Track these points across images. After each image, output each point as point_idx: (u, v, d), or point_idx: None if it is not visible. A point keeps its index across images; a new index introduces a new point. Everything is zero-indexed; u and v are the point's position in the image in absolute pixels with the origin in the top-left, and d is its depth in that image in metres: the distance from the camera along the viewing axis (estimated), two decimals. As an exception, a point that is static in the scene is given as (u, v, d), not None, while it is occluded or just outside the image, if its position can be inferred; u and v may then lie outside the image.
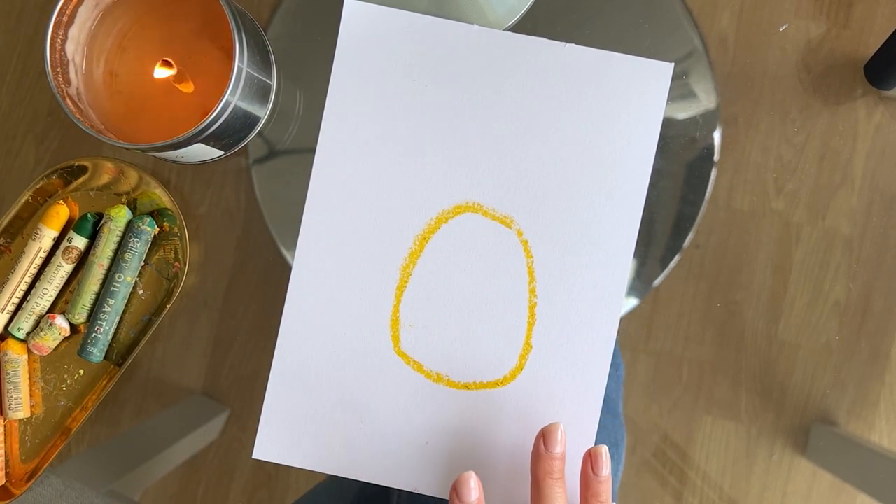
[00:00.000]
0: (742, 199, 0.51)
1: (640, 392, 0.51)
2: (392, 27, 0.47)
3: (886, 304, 0.51)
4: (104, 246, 0.50)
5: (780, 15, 0.51)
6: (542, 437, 0.43)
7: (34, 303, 0.50)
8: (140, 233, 0.50)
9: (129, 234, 0.50)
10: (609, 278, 0.46)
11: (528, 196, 0.47)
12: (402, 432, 0.46)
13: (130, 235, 0.50)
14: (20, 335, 0.51)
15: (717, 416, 0.51)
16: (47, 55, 0.44)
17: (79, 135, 0.53)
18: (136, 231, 0.50)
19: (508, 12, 0.49)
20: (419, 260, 0.47)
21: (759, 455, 0.51)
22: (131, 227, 0.50)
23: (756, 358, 0.51)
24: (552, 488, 0.42)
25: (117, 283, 0.50)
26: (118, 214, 0.50)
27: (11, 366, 0.50)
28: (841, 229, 0.51)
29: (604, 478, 0.42)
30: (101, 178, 0.52)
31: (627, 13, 0.50)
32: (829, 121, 0.51)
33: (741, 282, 0.51)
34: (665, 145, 0.49)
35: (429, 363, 0.46)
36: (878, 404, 0.51)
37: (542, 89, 0.47)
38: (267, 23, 0.52)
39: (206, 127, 0.44)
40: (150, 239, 0.50)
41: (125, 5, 0.47)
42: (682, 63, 0.50)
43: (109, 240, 0.50)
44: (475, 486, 0.41)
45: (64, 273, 0.50)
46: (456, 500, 0.41)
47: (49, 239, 0.50)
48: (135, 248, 0.50)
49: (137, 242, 0.50)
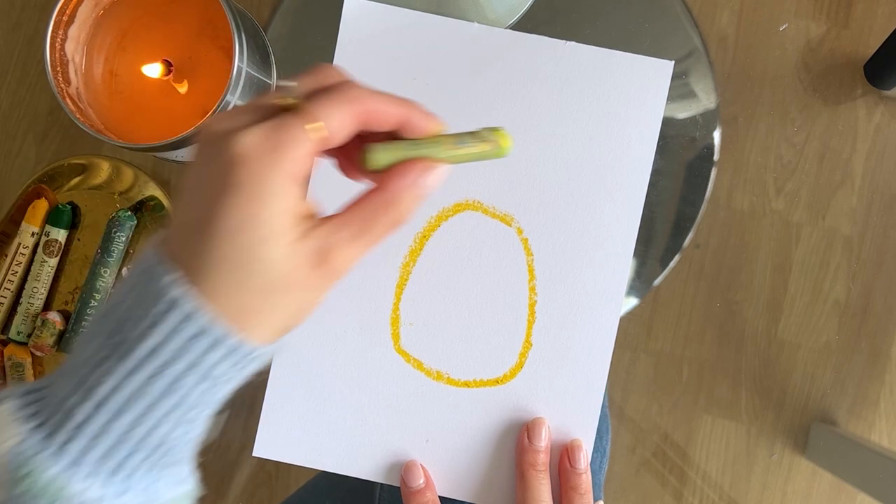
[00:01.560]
0: (742, 198, 0.51)
1: (640, 392, 0.51)
2: (392, 25, 0.47)
3: (886, 303, 0.51)
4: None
5: (780, 15, 0.51)
6: (526, 430, 0.45)
7: (27, 303, 0.50)
8: (122, 226, 0.50)
9: (111, 228, 0.50)
10: (609, 276, 0.46)
11: (528, 194, 0.47)
12: (403, 430, 0.46)
13: (114, 229, 0.50)
14: (21, 338, 0.51)
15: (717, 415, 0.51)
16: (47, 55, 0.44)
17: (79, 134, 0.54)
18: (118, 224, 0.50)
19: (509, 11, 0.49)
20: (419, 258, 0.47)
21: (759, 454, 0.51)
22: (114, 220, 0.50)
23: (756, 357, 0.51)
24: (536, 479, 0.43)
25: (103, 276, 0.50)
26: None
27: (16, 370, 0.50)
28: (841, 229, 0.51)
29: (581, 470, 0.44)
30: (97, 177, 0.52)
31: (627, 13, 0.50)
32: (828, 120, 0.51)
33: (741, 281, 0.51)
34: (665, 145, 0.49)
35: (429, 361, 0.46)
36: (878, 404, 0.51)
37: (542, 87, 0.47)
38: (267, 23, 0.52)
39: (207, 126, 0.44)
40: (130, 232, 0.50)
41: (125, 5, 0.47)
42: (682, 63, 0.50)
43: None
44: (420, 473, 0.45)
45: (49, 268, 0.50)
46: (404, 486, 0.44)
47: (27, 234, 0.50)
48: (119, 241, 0.50)
49: (121, 235, 0.50)
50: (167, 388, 0.28)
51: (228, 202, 0.28)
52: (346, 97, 0.30)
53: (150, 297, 0.28)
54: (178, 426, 0.29)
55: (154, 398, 0.28)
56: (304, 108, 0.29)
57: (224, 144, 0.28)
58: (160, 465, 0.30)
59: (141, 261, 0.29)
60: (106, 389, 0.28)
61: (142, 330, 0.28)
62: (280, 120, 0.29)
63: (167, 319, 0.27)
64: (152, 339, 0.27)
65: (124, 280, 0.29)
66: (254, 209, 0.28)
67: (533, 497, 0.43)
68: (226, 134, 0.28)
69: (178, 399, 0.28)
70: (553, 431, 0.45)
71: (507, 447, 0.46)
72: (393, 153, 0.32)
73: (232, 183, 0.28)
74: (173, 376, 0.28)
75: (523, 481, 0.43)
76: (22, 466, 0.27)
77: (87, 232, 0.51)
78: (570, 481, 0.43)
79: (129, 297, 0.28)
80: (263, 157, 0.28)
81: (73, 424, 0.28)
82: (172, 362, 0.28)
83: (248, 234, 0.28)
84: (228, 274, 0.28)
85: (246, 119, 0.29)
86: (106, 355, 0.28)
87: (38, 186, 0.50)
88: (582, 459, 0.44)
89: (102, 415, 0.28)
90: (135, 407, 0.28)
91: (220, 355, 0.28)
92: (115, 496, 0.29)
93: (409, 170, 0.32)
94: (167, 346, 0.28)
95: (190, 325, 0.27)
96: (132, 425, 0.28)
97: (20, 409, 0.28)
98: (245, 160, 0.28)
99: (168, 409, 0.28)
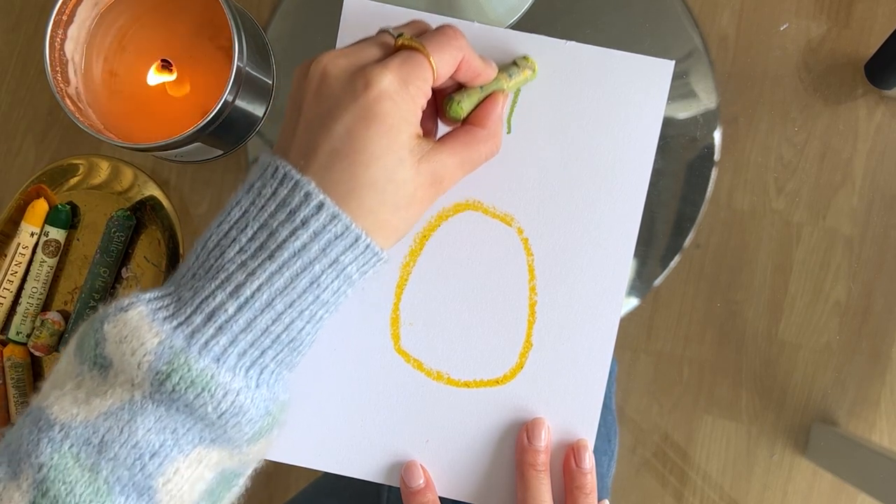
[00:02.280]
0: (742, 198, 0.50)
1: (641, 392, 0.51)
2: (393, 25, 0.47)
3: (887, 303, 0.51)
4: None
5: (780, 14, 0.51)
6: (525, 430, 0.44)
7: (26, 303, 0.50)
8: (121, 226, 0.50)
9: (110, 228, 0.50)
10: (610, 276, 0.46)
11: (528, 194, 0.47)
12: (403, 430, 0.46)
13: (113, 229, 0.50)
14: (21, 339, 0.50)
15: (717, 415, 0.51)
16: (47, 55, 0.44)
17: (78, 134, 0.53)
18: (118, 224, 0.50)
19: (509, 11, 0.49)
20: (419, 258, 0.47)
21: (760, 455, 0.51)
22: (111, 221, 0.50)
23: (756, 358, 0.51)
24: (535, 479, 0.43)
25: (102, 276, 0.50)
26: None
27: (15, 370, 0.50)
28: (841, 229, 0.51)
29: (587, 470, 0.44)
30: (96, 177, 0.52)
31: (628, 13, 0.50)
32: (829, 120, 0.51)
33: (742, 281, 0.51)
34: (665, 145, 0.49)
35: (429, 361, 0.46)
36: (879, 404, 0.51)
37: (542, 87, 0.47)
38: (267, 22, 0.52)
39: (206, 126, 0.44)
40: (130, 232, 0.50)
41: (124, 5, 0.47)
42: (682, 63, 0.50)
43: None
44: (420, 473, 0.45)
45: (48, 268, 0.50)
46: (404, 486, 0.44)
47: (27, 234, 0.50)
48: (118, 241, 0.50)
49: (120, 235, 0.50)
50: (309, 284, 0.32)
51: (372, 132, 0.32)
52: (453, 45, 0.35)
53: (294, 202, 0.31)
54: (308, 323, 0.33)
55: (297, 294, 0.31)
56: (422, 47, 0.34)
57: (362, 80, 0.32)
58: (284, 363, 0.33)
59: (268, 173, 0.32)
60: (253, 287, 0.31)
61: (290, 230, 0.31)
62: (407, 56, 0.33)
63: (316, 220, 0.31)
64: (301, 239, 0.31)
65: (249, 193, 0.32)
66: (393, 136, 0.32)
67: (532, 497, 0.43)
68: (361, 69, 0.32)
69: (315, 295, 0.32)
70: (554, 432, 0.45)
71: (508, 448, 0.46)
72: (471, 100, 0.38)
73: (375, 114, 0.32)
74: (316, 273, 0.32)
75: (523, 481, 0.43)
76: (172, 362, 0.29)
77: (87, 232, 0.51)
78: (575, 481, 0.43)
79: (268, 204, 0.32)
80: (400, 91, 0.32)
81: (218, 322, 0.30)
82: (318, 260, 0.31)
83: (389, 158, 0.32)
84: (373, 195, 0.32)
85: (372, 53, 0.34)
86: (252, 255, 0.31)
87: (37, 186, 0.50)
88: (587, 459, 0.44)
89: (248, 312, 0.31)
90: (278, 304, 0.31)
91: (354, 255, 0.32)
92: (251, 389, 0.31)
93: (495, 106, 0.39)
94: (314, 244, 0.31)
95: (335, 226, 0.31)
96: (274, 321, 0.31)
97: (154, 312, 0.31)
98: (385, 95, 0.32)
99: (306, 306, 0.32)
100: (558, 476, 0.45)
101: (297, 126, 0.33)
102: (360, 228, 0.32)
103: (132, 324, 0.30)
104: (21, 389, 0.50)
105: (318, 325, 0.34)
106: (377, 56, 0.34)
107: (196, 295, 0.31)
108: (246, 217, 0.32)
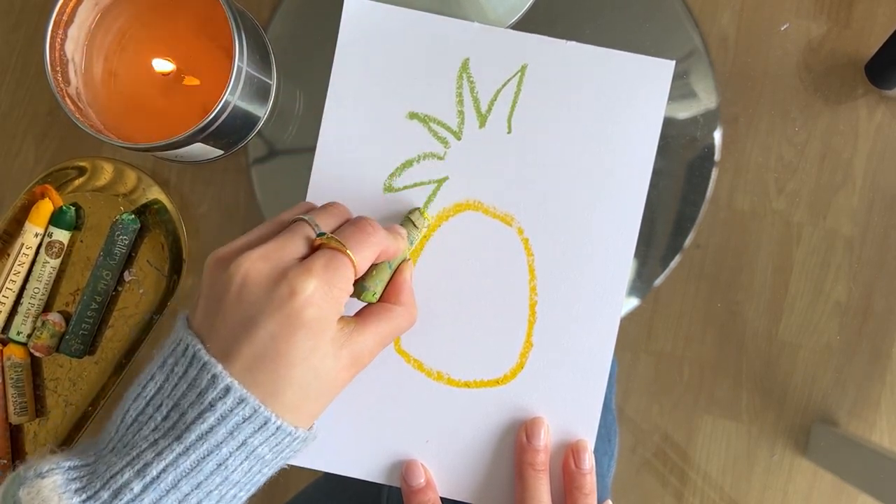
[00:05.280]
0: (743, 198, 0.50)
1: (641, 392, 0.51)
2: (393, 25, 0.47)
3: (887, 304, 0.51)
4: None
5: (780, 14, 0.51)
6: (525, 429, 0.45)
7: (28, 304, 0.50)
8: (125, 230, 0.50)
9: (114, 231, 0.50)
10: (610, 276, 0.46)
11: (528, 194, 0.47)
12: (403, 431, 0.46)
13: (117, 232, 0.50)
14: (21, 339, 0.50)
15: (717, 416, 0.51)
16: (47, 55, 0.44)
17: (78, 135, 0.53)
18: (121, 228, 0.50)
19: (509, 11, 0.49)
20: (419, 258, 0.47)
21: (760, 455, 0.51)
22: (116, 224, 0.50)
23: (757, 358, 0.51)
24: (534, 479, 0.43)
25: (105, 279, 0.50)
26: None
27: (14, 370, 0.50)
28: (842, 229, 0.51)
29: (586, 470, 0.44)
30: (100, 179, 0.52)
31: (628, 13, 0.50)
32: (829, 120, 0.51)
33: (742, 282, 0.51)
34: (666, 145, 0.49)
35: (429, 361, 0.46)
36: (879, 404, 0.51)
37: (542, 87, 0.47)
38: (267, 22, 0.52)
39: (206, 126, 0.44)
40: (133, 235, 0.50)
41: (124, 4, 0.47)
42: (682, 63, 0.50)
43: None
44: (421, 472, 0.45)
45: (51, 269, 0.50)
46: (405, 485, 0.45)
47: (31, 235, 0.50)
48: (122, 244, 0.50)
49: (124, 239, 0.50)
50: (217, 466, 0.32)
51: (299, 337, 0.32)
52: (372, 241, 0.37)
53: (203, 383, 0.32)
54: (219, 503, 0.33)
55: (204, 476, 0.32)
56: (343, 248, 0.35)
57: (287, 287, 0.33)
58: None
59: (179, 350, 0.33)
60: (159, 468, 0.31)
61: (198, 412, 0.31)
62: (330, 257, 0.34)
63: (223, 403, 0.31)
64: (208, 422, 0.31)
65: (163, 369, 0.33)
66: (318, 337, 0.33)
67: (531, 496, 0.43)
68: (283, 274, 0.33)
69: (224, 476, 0.32)
70: (554, 432, 0.45)
71: (508, 448, 0.46)
72: (382, 281, 0.40)
73: (302, 322, 0.32)
74: (224, 456, 0.32)
75: (522, 481, 0.43)
76: None
77: (90, 234, 0.51)
78: (575, 481, 0.43)
79: (180, 383, 0.32)
80: (325, 297, 0.33)
81: (123, 500, 0.31)
82: (225, 442, 0.32)
83: (314, 358, 0.33)
84: (297, 391, 0.33)
85: (293, 250, 0.35)
86: (164, 434, 0.32)
87: (43, 187, 0.51)
88: (587, 460, 0.44)
89: (153, 492, 0.31)
90: (184, 485, 0.31)
91: (265, 437, 0.32)
92: None
93: (405, 280, 0.41)
94: (221, 427, 0.31)
95: (242, 409, 0.31)
96: (180, 502, 0.32)
97: (67, 483, 0.31)
98: (309, 301, 0.33)
99: (213, 487, 0.32)
100: (558, 476, 0.45)
101: (216, 318, 0.34)
102: (269, 411, 0.32)
103: (44, 493, 0.30)
104: (20, 389, 0.50)
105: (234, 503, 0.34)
106: (299, 253, 0.35)
107: (108, 469, 0.31)
108: (161, 394, 0.33)
